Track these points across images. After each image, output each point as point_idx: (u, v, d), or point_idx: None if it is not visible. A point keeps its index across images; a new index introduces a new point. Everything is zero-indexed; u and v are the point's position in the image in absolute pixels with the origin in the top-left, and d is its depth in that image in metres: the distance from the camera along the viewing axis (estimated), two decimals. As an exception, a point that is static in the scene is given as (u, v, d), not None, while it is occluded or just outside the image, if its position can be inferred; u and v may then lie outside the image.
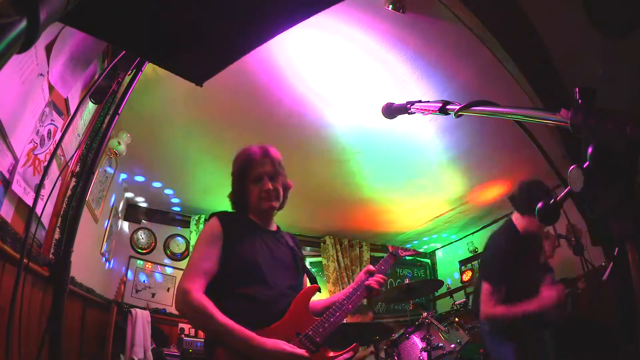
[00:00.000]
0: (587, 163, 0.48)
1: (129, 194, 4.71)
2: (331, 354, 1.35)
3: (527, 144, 0.78)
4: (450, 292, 3.74)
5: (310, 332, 1.32)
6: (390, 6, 2.29)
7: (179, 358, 3.88)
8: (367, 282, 1.53)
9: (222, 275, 1.38)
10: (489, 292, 2.08)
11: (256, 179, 1.53)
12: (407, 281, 3.26)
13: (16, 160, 1.55)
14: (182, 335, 4.15)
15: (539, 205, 0.61)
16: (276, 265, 1.46)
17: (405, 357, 2.80)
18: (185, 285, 1.31)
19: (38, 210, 1.72)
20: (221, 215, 1.51)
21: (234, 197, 1.61)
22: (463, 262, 5.90)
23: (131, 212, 4.88)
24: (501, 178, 4.37)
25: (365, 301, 5.60)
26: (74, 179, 2.30)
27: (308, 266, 1.98)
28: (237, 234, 1.45)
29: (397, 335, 2.95)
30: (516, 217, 2.23)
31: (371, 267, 1.61)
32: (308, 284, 1.58)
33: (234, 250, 1.41)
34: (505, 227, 2.25)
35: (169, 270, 4.93)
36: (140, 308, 4.00)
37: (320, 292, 1.54)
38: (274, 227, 1.64)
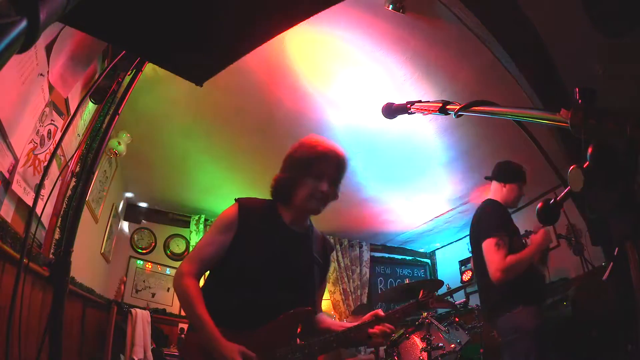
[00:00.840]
0: (587, 163, 0.48)
1: (129, 194, 4.71)
2: None
3: (527, 144, 0.78)
4: (450, 292, 3.73)
5: (277, 355, 1.26)
6: (390, 6, 2.29)
7: (179, 358, 3.87)
8: (370, 329, 1.34)
9: (224, 266, 1.36)
10: (495, 244, 2.00)
11: (317, 175, 1.39)
12: (407, 281, 3.26)
13: (16, 160, 1.55)
14: (182, 335, 4.15)
15: (539, 205, 0.61)
16: (285, 274, 1.37)
17: (405, 357, 2.79)
18: (182, 266, 1.34)
19: (38, 210, 1.72)
20: (243, 205, 1.41)
21: (280, 182, 1.45)
22: (463, 262, 5.89)
23: (131, 212, 4.88)
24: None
25: (365, 300, 5.60)
26: (74, 179, 2.31)
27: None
28: (253, 229, 1.37)
29: (397, 335, 2.94)
30: (494, 192, 2.32)
31: (381, 312, 1.38)
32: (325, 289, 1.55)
33: (243, 246, 1.36)
34: (485, 202, 2.32)
35: (169, 271, 4.92)
36: (140, 308, 3.99)
37: (315, 313, 1.45)
38: (304, 228, 1.49)
